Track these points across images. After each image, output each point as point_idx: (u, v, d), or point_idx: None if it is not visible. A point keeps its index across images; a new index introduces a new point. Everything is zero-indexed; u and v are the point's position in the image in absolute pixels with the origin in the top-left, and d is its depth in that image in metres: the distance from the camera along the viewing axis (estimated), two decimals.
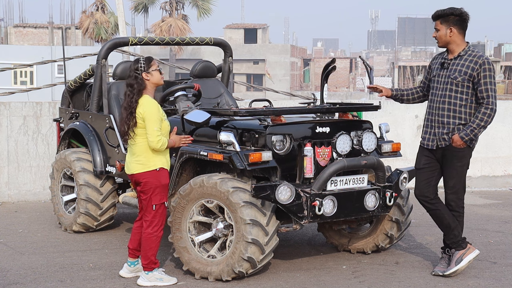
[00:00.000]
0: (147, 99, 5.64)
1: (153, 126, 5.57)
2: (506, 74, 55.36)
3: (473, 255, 5.95)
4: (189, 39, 7.99)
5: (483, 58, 5.75)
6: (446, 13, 5.81)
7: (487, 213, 8.80)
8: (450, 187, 5.92)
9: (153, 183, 5.65)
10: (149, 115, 5.57)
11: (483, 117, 5.72)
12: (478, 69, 5.72)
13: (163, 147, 5.62)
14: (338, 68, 43.93)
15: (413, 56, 77.45)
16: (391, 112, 10.23)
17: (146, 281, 5.72)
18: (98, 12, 47.12)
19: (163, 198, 5.71)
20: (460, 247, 5.94)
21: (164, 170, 5.72)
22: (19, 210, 8.85)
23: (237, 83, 11.94)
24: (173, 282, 5.75)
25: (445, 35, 5.82)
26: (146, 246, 5.70)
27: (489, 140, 10.58)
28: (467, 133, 5.73)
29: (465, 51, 5.82)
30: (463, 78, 5.75)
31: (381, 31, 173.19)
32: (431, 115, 5.92)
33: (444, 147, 5.86)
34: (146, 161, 5.65)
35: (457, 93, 5.78)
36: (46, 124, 9.49)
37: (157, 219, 5.70)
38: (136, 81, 5.64)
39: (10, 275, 6.02)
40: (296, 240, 7.23)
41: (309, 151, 5.86)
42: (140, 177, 5.68)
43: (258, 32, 59.21)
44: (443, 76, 5.86)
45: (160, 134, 5.61)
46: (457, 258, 5.91)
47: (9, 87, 37.09)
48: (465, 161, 5.89)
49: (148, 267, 5.73)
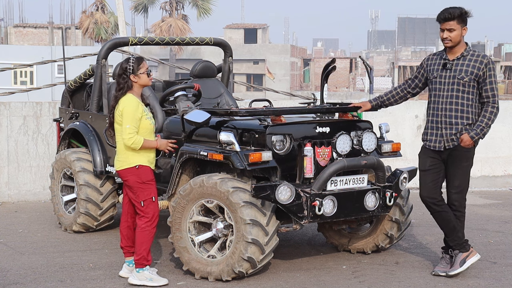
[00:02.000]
0: (128, 98, 5.68)
1: (125, 123, 5.61)
2: (506, 74, 55.37)
3: (475, 259, 5.97)
4: (189, 39, 8.00)
5: (488, 57, 5.80)
6: (462, 13, 5.77)
7: (487, 213, 8.81)
8: (455, 187, 5.90)
9: (134, 180, 5.69)
10: (126, 113, 5.61)
11: (490, 116, 5.77)
12: (484, 69, 5.74)
13: (136, 145, 5.62)
14: (338, 68, 43.92)
15: (413, 56, 77.44)
16: (391, 112, 10.22)
17: (136, 279, 5.71)
18: (98, 12, 47.14)
19: (150, 193, 5.73)
20: (464, 249, 5.94)
21: (144, 167, 5.72)
22: (19, 210, 8.85)
23: (237, 83, 11.93)
24: (163, 283, 5.72)
25: (459, 35, 5.80)
26: (139, 240, 5.71)
27: (489, 140, 10.57)
28: (477, 132, 5.74)
29: (467, 51, 5.84)
30: (470, 78, 5.76)
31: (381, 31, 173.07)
32: (437, 117, 5.90)
33: (452, 148, 5.85)
34: (125, 159, 5.71)
35: (464, 93, 5.79)
36: (46, 124, 9.49)
37: (148, 214, 5.71)
38: (123, 82, 5.71)
39: (10, 275, 6.02)
40: (296, 240, 7.23)
41: (309, 151, 5.86)
42: (121, 174, 5.76)
43: (258, 32, 59.23)
44: (447, 77, 5.85)
45: (133, 132, 5.61)
46: (461, 260, 5.91)
47: (9, 87, 37.10)
48: (471, 160, 5.91)
49: (139, 263, 5.72)
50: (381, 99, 6.36)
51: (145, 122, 5.72)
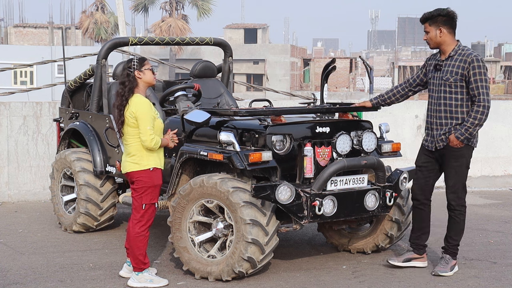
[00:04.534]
0: (139, 98, 5.63)
1: (146, 125, 5.56)
2: (506, 74, 55.37)
3: (421, 265, 6.19)
4: (189, 39, 7.99)
5: (472, 56, 5.78)
6: (433, 15, 5.88)
7: (487, 213, 8.81)
8: (450, 187, 5.96)
9: (146, 182, 5.64)
10: (142, 114, 5.56)
11: (476, 115, 5.75)
12: (468, 68, 5.76)
13: (156, 146, 5.62)
14: (338, 68, 43.90)
15: (413, 56, 77.43)
16: (391, 112, 10.22)
17: (136, 282, 5.69)
18: (98, 12, 47.17)
19: (153, 198, 5.70)
20: (418, 251, 6.17)
21: (157, 170, 5.71)
22: (19, 210, 8.85)
23: (237, 83, 11.91)
24: (163, 284, 5.71)
25: (435, 36, 5.87)
26: (134, 246, 5.67)
27: (489, 140, 10.58)
28: (462, 132, 5.76)
29: (455, 50, 5.85)
30: (455, 79, 5.79)
31: (381, 31, 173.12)
32: (430, 118, 6.00)
33: (442, 148, 5.88)
34: (140, 160, 5.65)
35: (451, 94, 5.83)
36: (46, 124, 9.49)
37: (145, 219, 5.68)
38: (128, 79, 5.64)
39: (10, 275, 6.02)
40: (296, 240, 7.23)
41: (309, 151, 5.86)
42: (134, 175, 5.68)
43: (258, 32, 59.19)
44: (437, 78, 5.92)
45: (153, 133, 5.61)
46: (408, 257, 6.16)
47: (9, 87, 37.08)
48: (463, 160, 5.90)
49: (138, 267, 5.70)
50: (381, 97, 6.38)
51: (158, 122, 5.72)
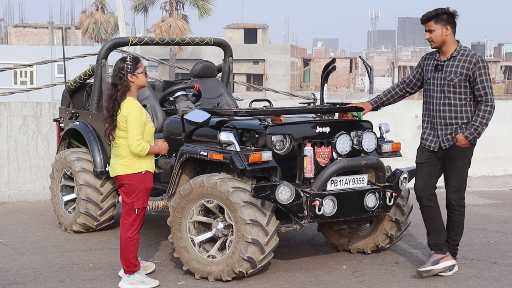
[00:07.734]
0: (130, 102, 5.53)
1: (133, 130, 5.46)
2: (506, 74, 55.40)
3: (451, 263, 5.97)
4: (189, 39, 8.00)
5: (477, 56, 5.79)
6: (439, 13, 5.85)
7: (487, 213, 8.81)
8: (452, 186, 5.93)
9: (137, 186, 5.58)
10: (131, 118, 5.46)
11: (484, 114, 5.76)
12: (473, 68, 5.75)
13: (143, 152, 5.50)
14: (338, 68, 43.92)
15: (413, 56, 77.49)
16: (391, 112, 10.22)
17: (128, 284, 5.66)
18: (98, 12, 47.19)
19: (145, 202, 5.65)
20: (440, 251, 5.98)
21: (149, 174, 5.64)
22: (19, 210, 8.85)
23: (237, 83, 11.92)
24: (155, 285, 5.69)
25: (441, 35, 5.84)
26: (126, 250, 5.63)
27: (489, 140, 10.58)
28: (471, 132, 5.76)
29: (457, 51, 5.85)
30: (459, 79, 5.79)
31: (381, 31, 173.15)
32: (432, 118, 5.94)
33: (448, 148, 5.87)
34: (131, 163, 5.56)
35: (456, 94, 5.82)
36: (46, 124, 9.49)
37: (138, 223, 5.64)
38: (120, 82, 5.52)
39: (10, 275, 6.02)
40: (296, 240, 7.23)
41: (309, 151, 5.86)
42: (124, 179, 5.60)
43: (258, 32, 59.17)
44: (439, 78, 5.89)
45: (141, 139, 5.49)
46: (434, 260, 5.94)
47: (9, 87, 37.10)
48: (468, 160, 5.92)
49: (129, 270, 5.68)
50: (380, 100, 6.38)
51: (149, 126, 5.63)
